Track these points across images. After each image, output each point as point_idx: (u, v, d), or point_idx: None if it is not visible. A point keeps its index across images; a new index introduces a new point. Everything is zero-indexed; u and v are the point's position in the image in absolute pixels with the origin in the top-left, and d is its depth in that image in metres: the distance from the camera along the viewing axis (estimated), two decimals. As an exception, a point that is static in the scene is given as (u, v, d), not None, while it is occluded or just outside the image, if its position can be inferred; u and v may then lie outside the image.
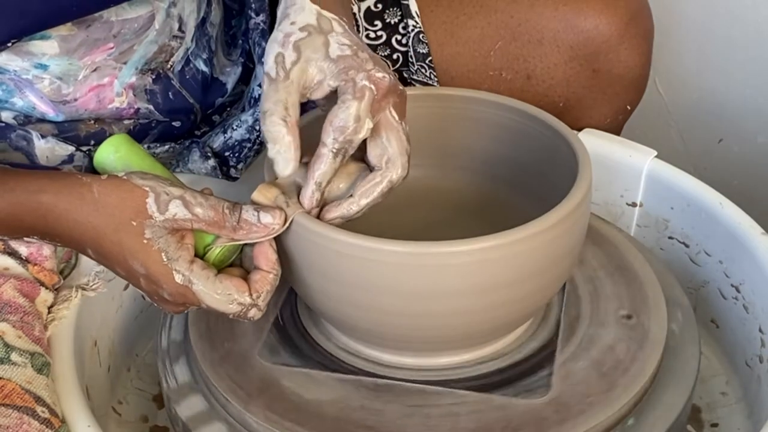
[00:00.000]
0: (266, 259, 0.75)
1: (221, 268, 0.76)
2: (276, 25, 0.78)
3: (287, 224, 0.74)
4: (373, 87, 0.73)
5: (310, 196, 0.74)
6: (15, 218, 0.75)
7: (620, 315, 0.85)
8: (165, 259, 0.72)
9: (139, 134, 0.94)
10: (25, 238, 0.81)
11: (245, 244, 0.77)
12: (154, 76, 0.93)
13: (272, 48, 0.75)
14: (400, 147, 0.75)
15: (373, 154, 0.76)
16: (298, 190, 0.76)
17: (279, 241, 0.76)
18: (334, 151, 0.73)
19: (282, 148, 0.72)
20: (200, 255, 0.75)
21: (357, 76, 0.73)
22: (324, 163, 0.73)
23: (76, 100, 0.89)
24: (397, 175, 0.75)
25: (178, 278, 0.73)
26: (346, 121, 0.72)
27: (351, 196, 0.75)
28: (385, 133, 0.75)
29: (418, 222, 0.87)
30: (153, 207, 0.72)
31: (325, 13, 0.77)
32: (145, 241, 0.72)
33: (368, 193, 0.75)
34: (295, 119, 0.72)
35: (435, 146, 0.91)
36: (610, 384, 0.79)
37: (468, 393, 0.78)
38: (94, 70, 0.89)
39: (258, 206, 0.75)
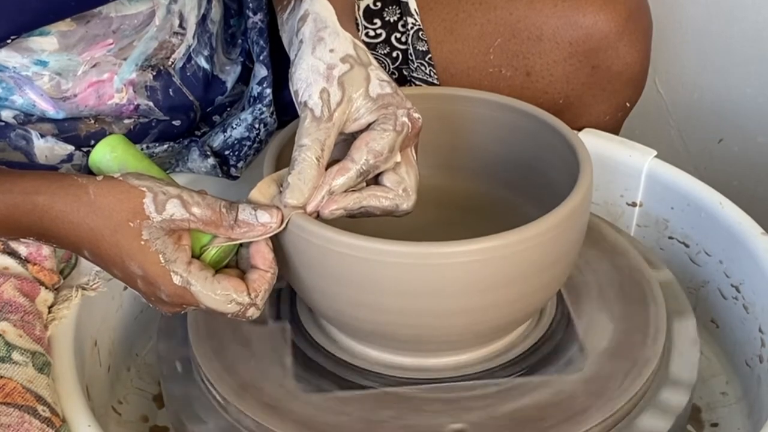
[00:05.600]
0: (263, 258, 0.75)
1: (217, 269, 0.76)
2: (308, 45, 0.80)
3: (285, 223, 0.74)
4: (410, 125, 0.77)
5: (319, 200, 0.75)
6: (11, 219, 0.75)
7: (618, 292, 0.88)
8: (162, 261, 0.72)
9: (139, 134, 0.94)
10: (22, 239, 0.81)
11: (241, 245, 0.77)
12: (154, 73, 0.93)
13: (316, 80, 0.77)
14: (416, 183, 0.79)
15: (390, 179, 0.78)
16: None
17: (278, 242, 0.76)
18: (361, 170, 0.75)
19: (303, 182, 0.74)
20: (196, 255, 0.75)
21: (398, 112, 0.77)
22: (347, 177, 0.75)
23: (75, 96, 0.89)
24: (407, 206, 0.78)
25: (176, 279, 0.72)
26: (382, 147, 0.76)
27: (356, 191, 0.76)
28: (405, 167, 0.78)
29: (418, 222, 0.87)
30: (150, 207, 0.72)
31: (358, 42, 0.80)
32: (142, 243, 0.72)
33: (374, 198, 0.77)
34: (326, 160, 0.75)
35: (435, 146, 0.91)
36: (636, 354, 0.81)
37: (517, 378, 0.80)
38: (94, 65, 0.89)
39: (255, 205, 0.75)
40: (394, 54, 1.05)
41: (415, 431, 0.76)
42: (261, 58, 0.96)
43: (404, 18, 1.04)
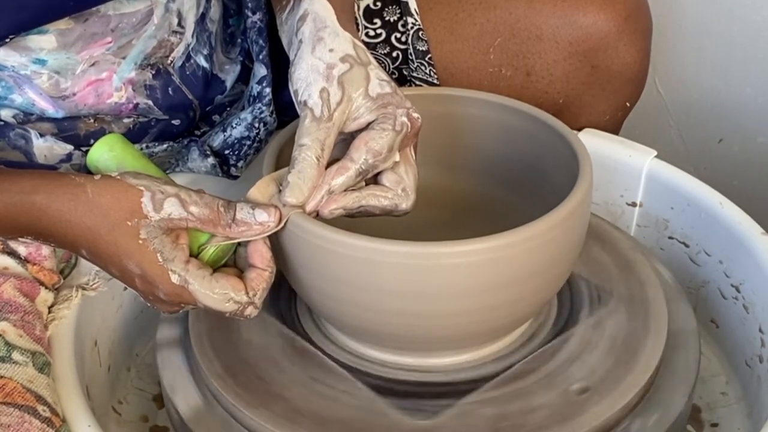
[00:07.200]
0: (261, 256, 0.75)
1: (215, 267, 0.76)
2: (307, 45, 0.80)
3: (283, 223, 0.74)
4: (409, 125, 0.77)
5: (318, 200, 0.75)
6: (9, 218, 0.75)
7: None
8: (161, 260, 0.72)
9: (138, 133, 0.94)
10: (20, 239, 0.81)
11: (239, 244, 0.77)
12: (153, 72, 0.93)
13: (315, 80, 0.77)
14: (415, 183, 0.79)
15: (389, 179, 0.78)
16: None
17: (277, 242, 0.76)
18: (360, 170, 0.75)
19: (303, 181, 0.74)
20: (194, 255, 0.75)
21: (397, 112, 0.77)
22: (346, 176, 0.75)
23: (74, 94, 0.89)
24: (406, 206, 0.78)
25: (174, 278, 0.72)
26: (381, 147, 0.76)
27: (356, 191, 0.76)
28: (404, 166, 0.78)
29: (418, 222, 0.87)
30: (149, 206, 0.72)
31: (357, 42, 0.80)
32: (140, 242, 0.72)
33: (373, 198, 0.77)
34: (326, 159, 0.75)
35: (435, 146, 0.91)
36: (638, 349, 0.82)
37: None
38: (92, 64, 0.89)
39: (253, 204, 0.75)
40: (394, 54, 1.05)
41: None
42: (260, 57, 0.96)
43: (404, 18, 1.04)
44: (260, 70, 0.96)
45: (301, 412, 0.77)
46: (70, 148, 0.91)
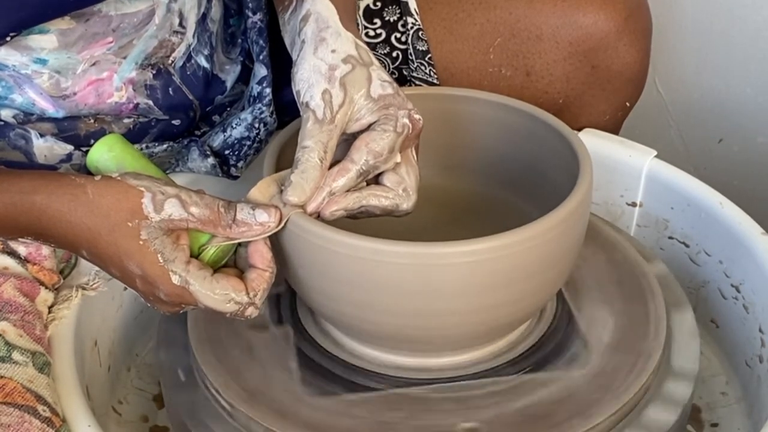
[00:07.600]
0: (261, 257, 0.75)
1: (216, 268, 0.76)
2: (310, 46, 0.80)
3: (283, 223, 0.74)
4: (410, 126, 0.77)
5: (320, 201, 0.75)
6: (9, 219, 0.75)
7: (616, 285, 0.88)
8: (161, 260, 0.72)
9: (138, 133, 0.94)
10: (20, 239, 0.81)
11: (239, 245, 0.77)
12: (154, 72, 0.93)
13: (317, 81, 0.77)
14: (416, 183, 0.79)
15: (390, 179, 0.78)
16: None
17: (278, 242, 0.76)
18: (361, 171, 0.75)
19: (306, 182, 0.74)
20: (195, 255, 0.75)
21: (399, 113, 0.77)
22: (347, 177, 0.75)
23: (75, 94, 0.89)
24: (407, 206, 0.78)
25: (174, 279, 0.72)
26: (382, 148, 0.76)
27: (356, 191, 0.76)
28: (405, 167, 0.79)
29: (418, 222, 0.87)
30: (149, 207, 0.72)
31: (359, 42, 0.80)
32: (140, 243, 0.72)
33: (374, 198, 0.77)
34: (329, 161, 0.75)
35: (435, 146, 0.91)
36: (638, 349, 0.81)
37: (524, 375, 0.80)
38: (93, 64, 0.89)
39: (254, 204, 0.75)
40: (394, 54, 1.05)
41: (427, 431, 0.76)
42: (261, 57, 0.96)
43: (404, 18, 1.04)
44: (260, 71, 0.96)
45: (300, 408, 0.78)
46: (70, 148, 0.91)
